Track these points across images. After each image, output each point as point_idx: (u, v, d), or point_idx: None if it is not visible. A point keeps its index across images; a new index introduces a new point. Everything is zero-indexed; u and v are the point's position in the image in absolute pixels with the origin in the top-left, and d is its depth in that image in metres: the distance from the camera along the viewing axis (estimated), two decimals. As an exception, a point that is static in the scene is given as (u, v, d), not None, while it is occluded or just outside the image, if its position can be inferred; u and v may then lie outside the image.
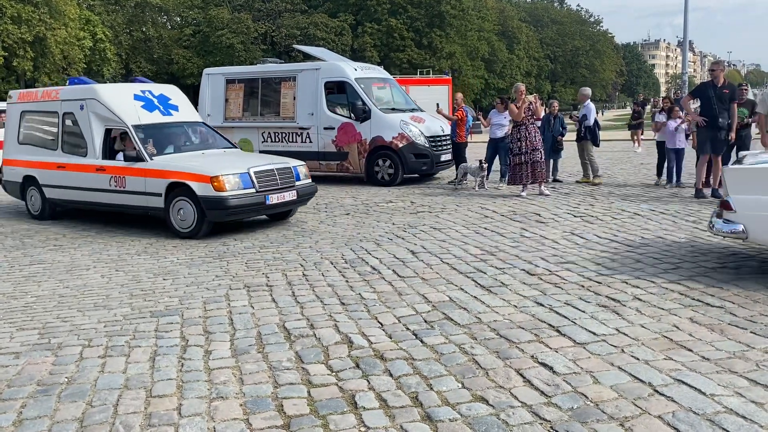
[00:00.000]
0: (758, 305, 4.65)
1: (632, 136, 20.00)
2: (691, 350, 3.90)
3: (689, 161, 11.30)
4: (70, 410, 3.44)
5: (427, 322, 4.61)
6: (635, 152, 18.14)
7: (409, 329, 4.47)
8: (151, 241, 8.13)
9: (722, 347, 3.92)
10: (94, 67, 39.55)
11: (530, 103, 10.36)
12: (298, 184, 8.66)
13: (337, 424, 3.20)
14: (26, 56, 33.93)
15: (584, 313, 4.65)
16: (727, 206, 5.37)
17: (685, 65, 28.35)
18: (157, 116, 9.31)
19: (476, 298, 5.13)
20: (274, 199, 8.22)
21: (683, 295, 4.97)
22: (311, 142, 13.14)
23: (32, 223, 9.87)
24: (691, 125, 10.85)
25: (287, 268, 6.41)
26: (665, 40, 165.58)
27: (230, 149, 9.77)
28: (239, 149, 10.42)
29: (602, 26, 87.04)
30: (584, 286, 5.33)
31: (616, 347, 3.99)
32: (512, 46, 68.21)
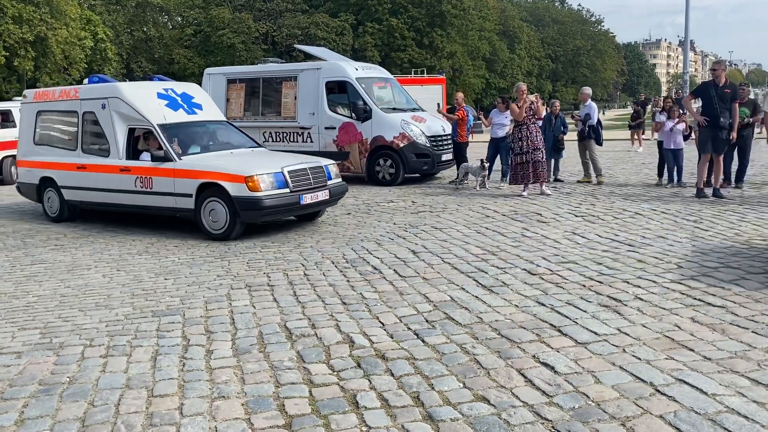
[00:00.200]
0: (759, 305, 4.65)
1: (632, 135, 20.01)
2: (692, 350, 3.89)
3: (691, 161, 11.29)
4: (71, 410, 3.44)
5: (428, 321, 4.61)
6: (636, 152, 18.12)
7: (410, 329, 4.47)
8: (152, 240, 8.14)
9: (724, 347, 3.92)
10: (95, 66, 39.46)
11: (531, 102, 10.35)
12: (329, 183, 8.47)
13: (338, 423, 3.20)
14: (27, 56, 33.88)
15: (585, 312, 4.65)
16: None
17: (686, 65, 28.38)
18: (181, 115, 9.08)
19: (477, 297, 5.13)
20: (307, 198, 8.03)
21: (684, 294, 4.96)
22: (312, 141, 13.14)
23: (33, 222, 9.88)
24: (687, 125, 10.85)
25: (288, 267, 6.42)
26: (666, 39, 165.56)
27: (257, 148, 9.52)
28: (265, 148, 10.17)
29: (603, 26, 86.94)
30: (585, 285, 5.33)
31: (617, 347, 3.98)
32: (513, 45, 68.13)
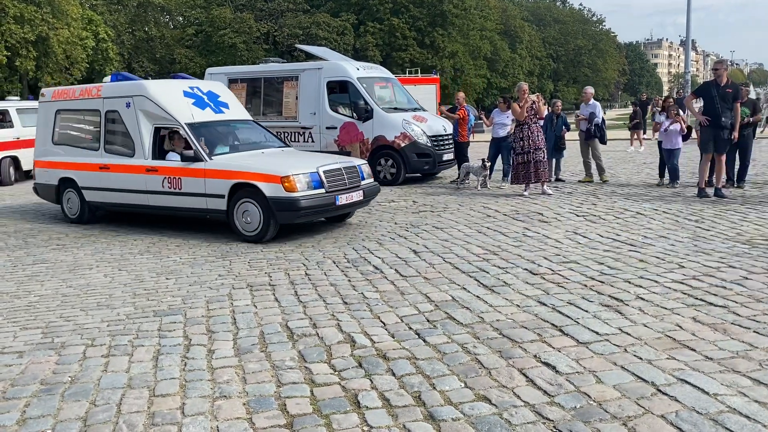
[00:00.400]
0: (761, 305, 4.64)
1: (631, 136, 19.96)
2: (694, 350, 3.89)
3: (692, 161, 11.27)
4: (73, 409, 3.45)
5: (429, 321, 4.61)
6: (637, 152, 18.10)
7: (411, 329, 4.47)
8: (153, 240, 8.14)
9: (725, 347, 3.91)
10: (96, 66, 39.55)
11: (533, 102, 10.35)
12: (363, 183, 8.32)
13: (339, 423, 3.20)
14: (29, 56, 33.91)
15: (587, 312, 4.65)
16: None
17: (687, 64, 28.34)
18: (209, 114, 8.87)
19: (479, 297, 5.13)
20: (343, 199, 7.85)
21: (686, 294, 4.96)
22: (314, 141, 13.14)
23: (35, 222, 9.89)
24: (686, 125, 10.84)
25: (290, 267, 6.42)
26: (668, 39, 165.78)
27: (286, 148, 9.33)
28: (293, 148, 9.98)
29: (605, 25, 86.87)
30: (587, 285, 5.33)
31: (618, 347, 3.98)
32: (515, 45, 68.11)
